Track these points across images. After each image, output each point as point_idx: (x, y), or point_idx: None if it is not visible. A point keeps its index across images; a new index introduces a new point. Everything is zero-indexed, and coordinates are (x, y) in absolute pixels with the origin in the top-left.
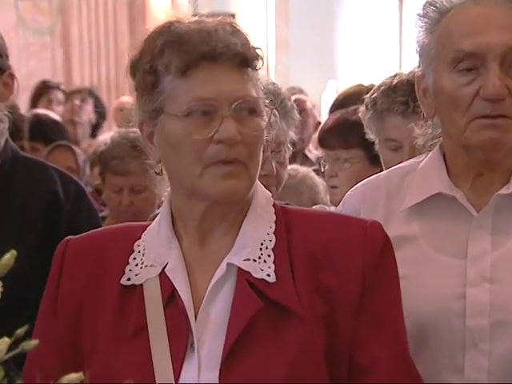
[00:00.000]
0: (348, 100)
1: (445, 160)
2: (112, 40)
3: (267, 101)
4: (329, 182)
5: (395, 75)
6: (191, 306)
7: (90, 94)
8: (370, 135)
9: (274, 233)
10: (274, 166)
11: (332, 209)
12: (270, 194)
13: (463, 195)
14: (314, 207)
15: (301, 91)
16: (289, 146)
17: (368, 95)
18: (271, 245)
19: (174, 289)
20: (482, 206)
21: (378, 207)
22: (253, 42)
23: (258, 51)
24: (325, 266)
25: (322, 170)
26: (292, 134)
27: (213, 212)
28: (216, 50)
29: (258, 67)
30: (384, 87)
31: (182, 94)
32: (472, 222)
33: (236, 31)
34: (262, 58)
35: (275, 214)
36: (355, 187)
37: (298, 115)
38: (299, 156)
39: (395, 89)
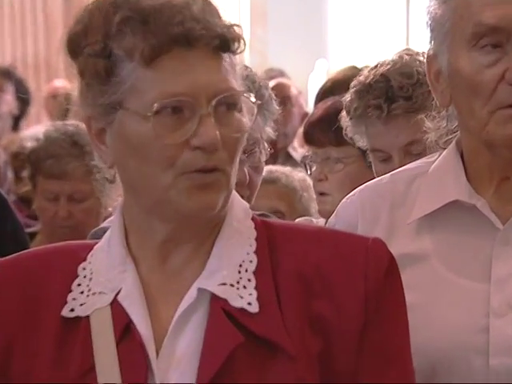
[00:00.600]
0: (338, 87)
1: (463, 160)
2: (40, 8)
3: (250, 95)
4: (316, 188)
5: (376, 66)
6: (151, 341)
7: (8, 75)
8: (360, 144)
9: (254, 252)
10: (246, 171)
11: (321, 222)
12: (248, 205)
13: (485, 203)
14: (297, 220)
15: (282, 74)
16: (265, 145)
17: (344, 97)
18: (252, 267)
19: (130, 320)
20: (509, 216)
21: (380, 219)
22: (228, 18)
23: (237, 30)
24: (318, 292)
25: (309, 172)
26: (269, 131)
27: (180, 233)
28: (193, 32)
29: (238, 50)
30: (357, 87)
31: (149, 88)
32: (496, 237)
33: (208, 5)
34: (243, 39)
35: (255, 229)
36: (351, 194)
37: (278, 107)
38: (281, 155)
39: (370, 89)
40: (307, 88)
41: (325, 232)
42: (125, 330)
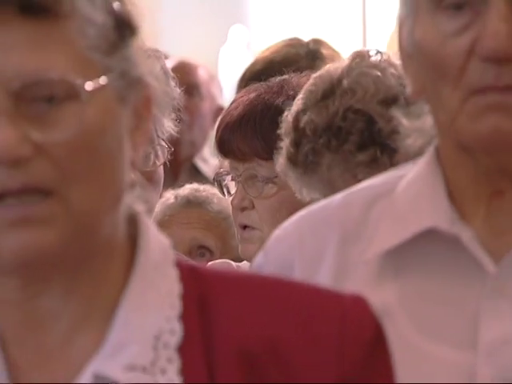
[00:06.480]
0: (273, 70)
1: (445, 174)
2: None
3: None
4: (238, 219)
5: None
6: None
7: None
8: None
9: (178, 318)
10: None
11: (243, 266)
12: (168, 242)
13: (472, 235)
14: (211, 263)
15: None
16: (162, 143)
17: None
18: (174, 340)
19: None
20: (504, 252)
21: (326, 257)
22: None
23: None
24: (271, 378)
25: (226, 195)
26: (168, 124)
27: (37, 289)
28: None
29: (77, 12)
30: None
31: None
32: (486, 283)
33: None
34: None
35: (181, 281)
36: (287, 223)
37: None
38: (185, 169)
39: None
40: (217, 69)
41: (283, 287)
42: None
